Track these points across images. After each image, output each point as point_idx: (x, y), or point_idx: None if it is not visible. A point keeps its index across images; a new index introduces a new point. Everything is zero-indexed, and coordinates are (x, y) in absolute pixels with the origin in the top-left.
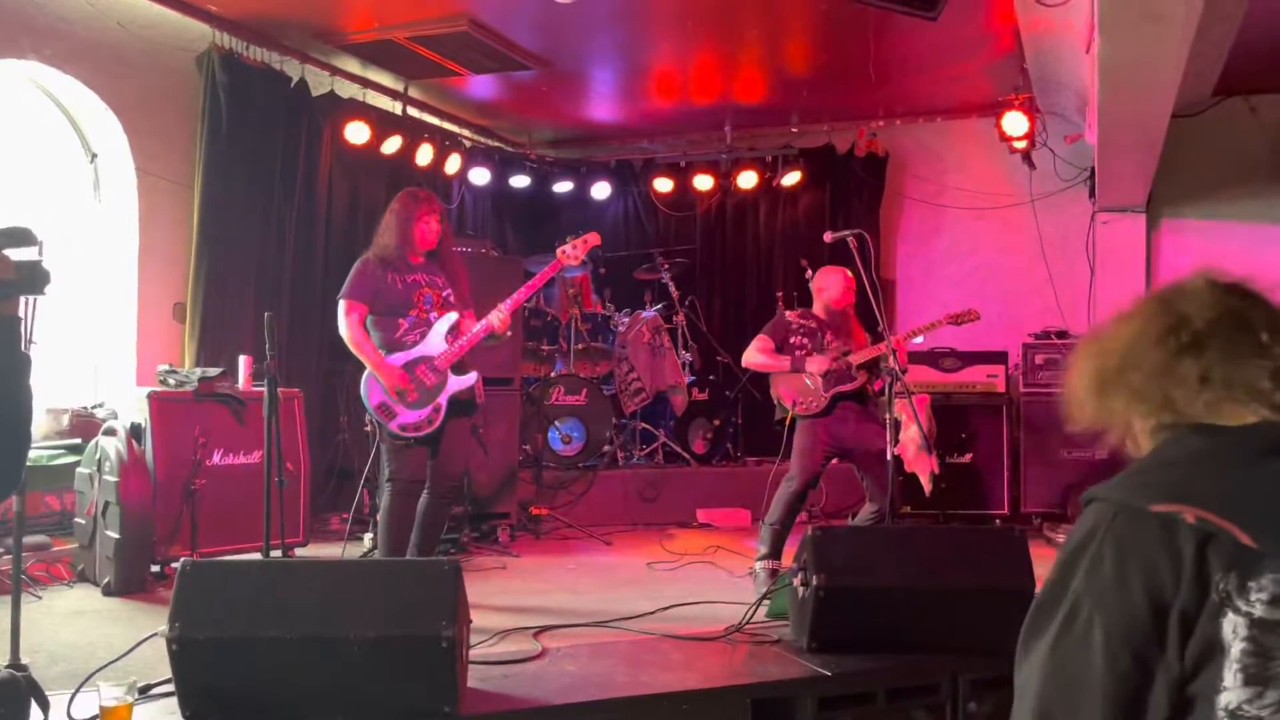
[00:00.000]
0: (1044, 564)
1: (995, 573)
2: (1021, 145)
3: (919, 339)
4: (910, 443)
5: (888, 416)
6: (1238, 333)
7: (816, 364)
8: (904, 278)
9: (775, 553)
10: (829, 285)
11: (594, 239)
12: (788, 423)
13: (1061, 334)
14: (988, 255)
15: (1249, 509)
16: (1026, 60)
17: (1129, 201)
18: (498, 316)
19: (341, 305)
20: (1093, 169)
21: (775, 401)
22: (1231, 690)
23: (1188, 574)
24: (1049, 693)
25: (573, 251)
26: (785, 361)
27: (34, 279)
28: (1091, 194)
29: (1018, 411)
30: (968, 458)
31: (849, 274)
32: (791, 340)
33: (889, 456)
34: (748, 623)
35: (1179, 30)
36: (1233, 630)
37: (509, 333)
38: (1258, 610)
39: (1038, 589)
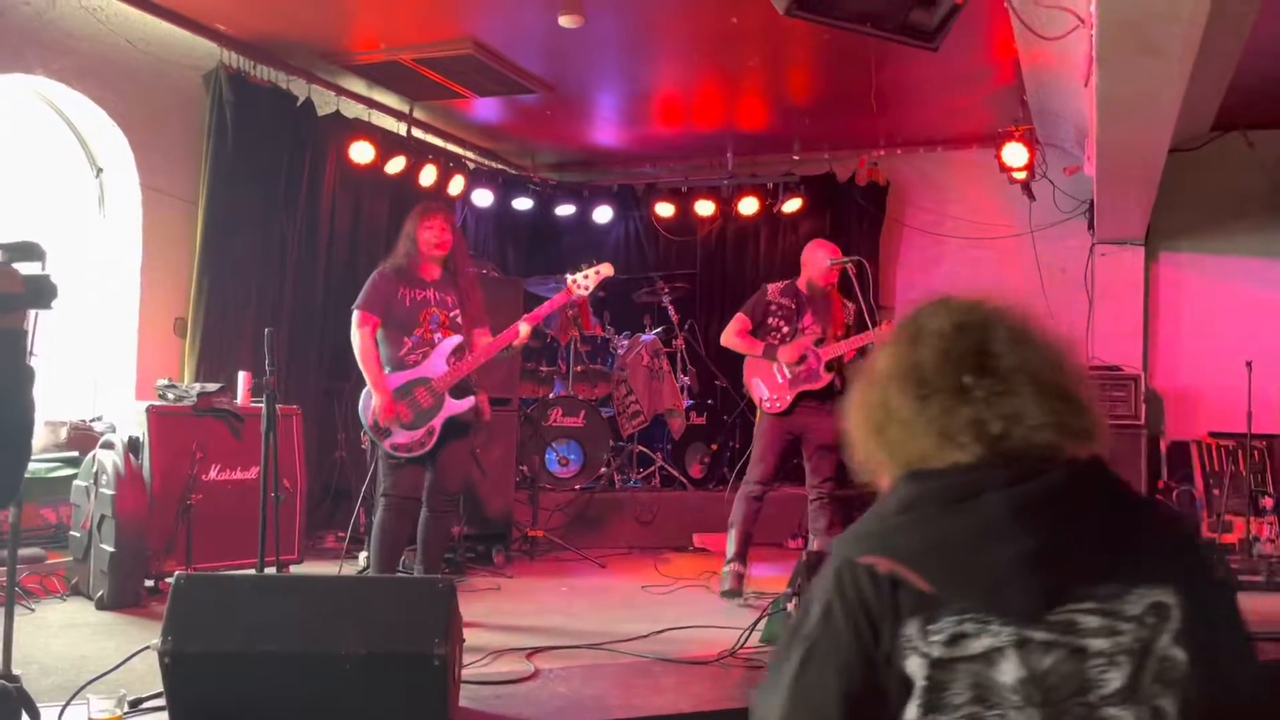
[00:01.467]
0: None
1: None
2: (1021, 176)
3: None
4: None
5: None
6: (951, 378)
7: (787, 353)
8: (903, 305)
9: (741, 555)
10: (815, 259)
11: (607, 270)
12: (757, 420)
13: None
14: (987, 285)
15: (929, 559)
16: (1026, 92)
17: (1128, 234)
18: (525, 329)
19: (355, 316)
20: (1092, 201)
21: (747, 388)
22: (913, 718)
23: (889, 618)
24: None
25: (584, 282)
26: (759, 347)
27: (41, 293)
28: (1090, 226)
29: None
30: None
31: (835, 254)
32: (769, 321)
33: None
34: (741, 647)
35: (1176, 65)
36: (916, 669)
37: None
38: (935, 651)
39: None
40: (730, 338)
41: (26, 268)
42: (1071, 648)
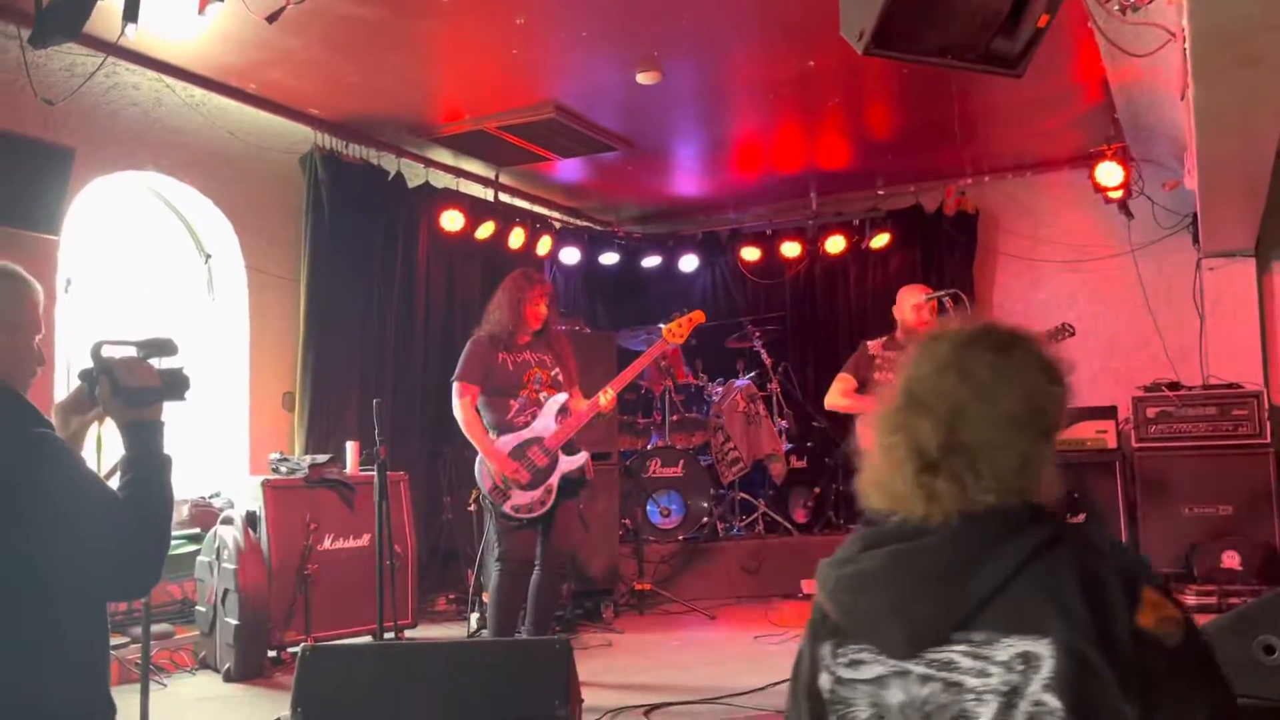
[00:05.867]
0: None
1: None
2: (1117, 195)
3: None
4: None
5: None
6: (887, 440)
7: None
8: None
9: None
10: (905, 302)
11: (698, 317)
12: None
13: (1174, 385)
14: (1088, 308)
15: (838, 596)
16: (1117, 110)
17: (1236, 246)
18: (605, 398)
19: (455, 388)
20: (1195, 214)
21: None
22: None
23: (817, 638)
24: (789, 704)
25: (678, 330)
26: (868, 402)
27: (175, 386)
28: (1195, 240)
29: (1132, 468)
30: (1080, 517)
31: (927, 291)
32: (876, 377)
33: None
34: None
35: (1277, 73)
36: (824, 684)
37: (611, 411)
38: (840, 671)
39: None
40: (836, 399)
41: (161, 362)
42: (948, 681)
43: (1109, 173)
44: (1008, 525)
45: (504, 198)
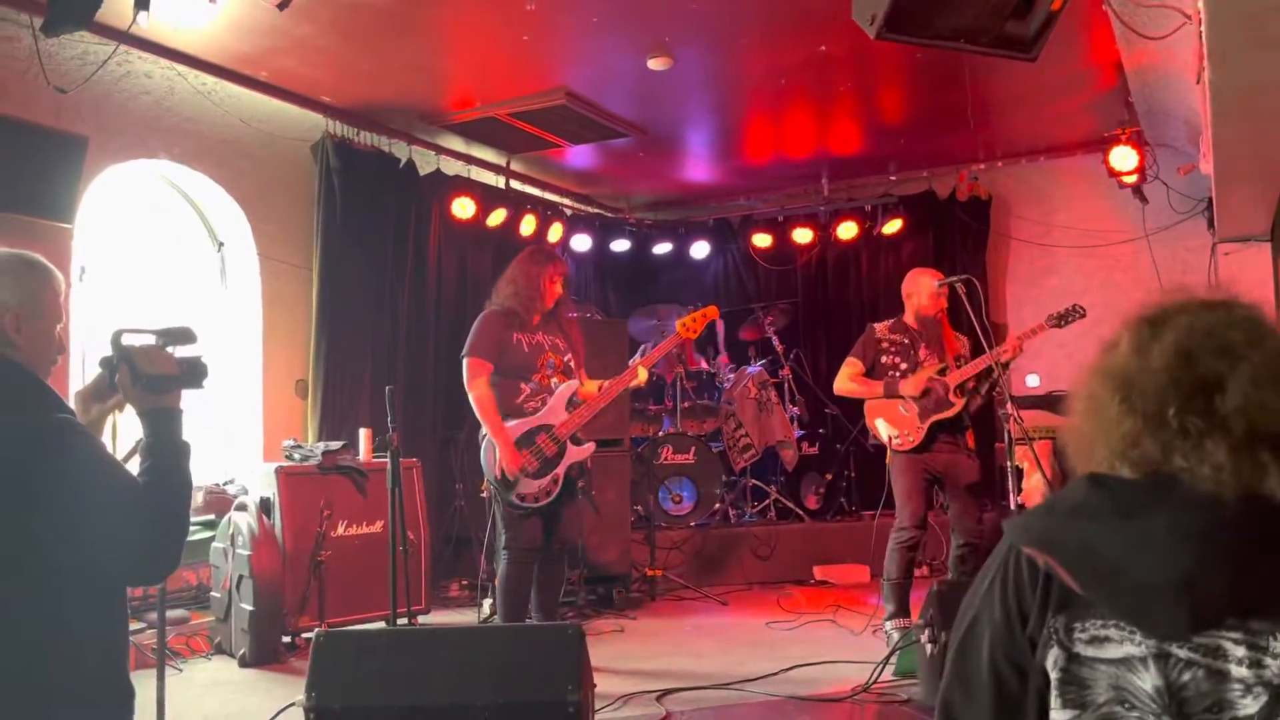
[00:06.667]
0: None
1: None
2: (1131, 180)
3: (1034, 379)
4: (1035, 491)
5: (1009, 464)
6: (1156, 403)
7: (910, 386)
8: (1015, 321)
9: (903, 609)
10: (918, 290)
11: (712, 313)
12: (888, 462)
13: None
14: (1102, 294)
15: (1083, 564)
16: (1131, 94)
17: (1251, 230)
18: (643, 372)
19: (466, 364)
20: (1210, 199)
21: (871, 431)
22: (1057, 711)
23: (1036, 607)
24: (951, 682)
25: (692, 325)
26: (877, 386)
27: (194, 374)
28: (1211, 225)
29: None
30: None
31: (939, 276)
32: (883, 360)
33: (1014, 498)
34: (874, 682)
35: None
36: (1053, 661)
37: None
38: (1077, 648)
39: None
40: (844, 383)
41: (180, 351)
42: (1212, 669)
43: (1123, 157)
44: None
45: (515, 185)
